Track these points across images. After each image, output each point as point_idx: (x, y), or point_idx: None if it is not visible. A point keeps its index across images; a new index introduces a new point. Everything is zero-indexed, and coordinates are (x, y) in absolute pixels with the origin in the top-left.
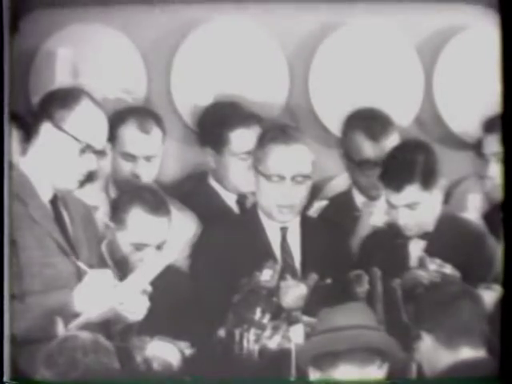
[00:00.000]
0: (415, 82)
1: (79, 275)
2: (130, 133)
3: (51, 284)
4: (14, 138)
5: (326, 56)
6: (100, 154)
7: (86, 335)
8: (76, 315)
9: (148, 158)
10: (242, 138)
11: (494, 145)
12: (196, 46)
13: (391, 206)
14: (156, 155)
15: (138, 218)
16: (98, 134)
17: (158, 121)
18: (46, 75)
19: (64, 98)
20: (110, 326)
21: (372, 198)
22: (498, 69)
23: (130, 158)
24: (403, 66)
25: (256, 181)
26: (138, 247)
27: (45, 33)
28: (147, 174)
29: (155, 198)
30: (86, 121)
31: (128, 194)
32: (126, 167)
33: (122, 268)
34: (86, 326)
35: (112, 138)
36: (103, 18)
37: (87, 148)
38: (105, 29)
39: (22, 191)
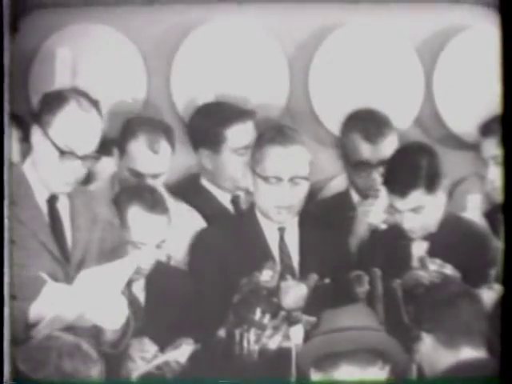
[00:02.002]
0: (415, 82)
1: (68, 278)
2: (139, 150)
3: (27, 287)
4: (13, 138)
5: (326, 56)
6: (88, 158)
7: (69, 338)
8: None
9: (155, 176)
10: (239, 134)
11: (492, 148)
12: (196, 46)
13: (396, 211)
14: (163, 173)
15: (136, 216)
16: (83, 139)
17: (168, 134)
18: (45, 75)
19: (51, 102)
20: (98, 333)
21: (369, 198)
22: (498, 69)
23: (137, 174)
24: (403, 66)
25: (253, 182)
26: (137, 246)
27: (44, 33)
28: None
29: (154, 197)
30: (68, 126)
31: (127, 193)
32: (132, 182)
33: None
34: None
35: (121, 150)
36: (103, 18)
37: (68, 154)
38: (105, 29)
39: (16, 191)
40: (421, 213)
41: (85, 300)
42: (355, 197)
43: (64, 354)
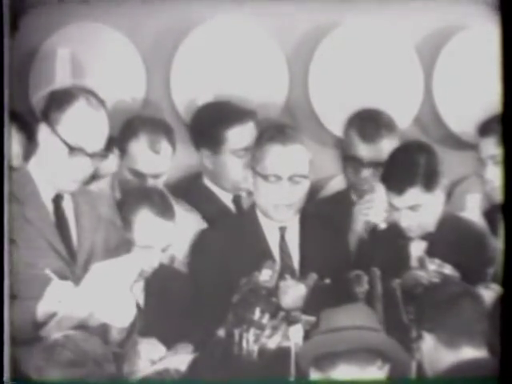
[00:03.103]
0: (415, 81)
1: (74, 278)
2: (140, 150)
3: (34, 286)
4: (13, 137)
5: (326, 56)
6: (96, 156)
7: (84, 339)
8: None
9: (156, 176)
10: (239, 135)
11: (490, 148)
12: (196, 46)
13: (393, 208)
14: (164, 173)
15: (145, 219)
16: (92, 137)
17: (169, 134)
18: (45, 74)
19: (60, 99)
20: (106, 332)
21: (365, 197)
22: (497, 69)
23: (138, 174)
24: (403, 65)
25: (253, 181)
26: (143, 249)
27: (44, 32)
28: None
29: (164, 201)
30: (78, 123)
31: (135, 195)
32: (133, 182)
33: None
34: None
35: (121, 149)
36: (103, 17)
37: (78, 151)
38: (105, 28)
39: (21, 191)
40: (418, 211)
41: (94, 298)
42: (355, 196)
43: (76, 354)
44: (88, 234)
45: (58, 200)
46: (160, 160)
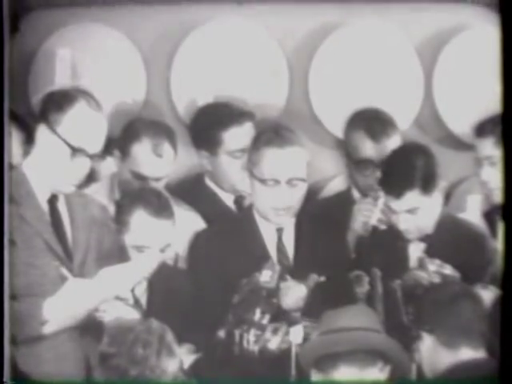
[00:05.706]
0: (415, 82)
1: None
2: (142, 154)
3: (34, 285)
4: (13, 137)
5: (326, 56)
6: (96, 157)
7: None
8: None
9: (158, 179)
10: (235, 137)
11: (487, 149)
12: (196, 47)
13: (392, 212)
14: (166, 176)
15: (141, 220)
16: (93, 138)
17: (171, 137)
18: (45, 75)
19: (59, 101)
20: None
21: (368, 197)
22: (498, 69)
23: (140, 177)
24: (403, 66)
25: (251, 184)
26: (141, 250)
27: (44, 33)
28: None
29: (160, 201)
30: (79, 124)
31: (132, 196)
32: (134, 184)
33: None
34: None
35: (122, 151)
36: (103, 18)
37: (80, 152)
38: (105, 29)
39: (18, 191)
40: (416, 214)
41: (98, 298)
42: (357, 196)
43: (139, 341)
44: (82, 234)
45: (53, 200)
46: (162, 163)
